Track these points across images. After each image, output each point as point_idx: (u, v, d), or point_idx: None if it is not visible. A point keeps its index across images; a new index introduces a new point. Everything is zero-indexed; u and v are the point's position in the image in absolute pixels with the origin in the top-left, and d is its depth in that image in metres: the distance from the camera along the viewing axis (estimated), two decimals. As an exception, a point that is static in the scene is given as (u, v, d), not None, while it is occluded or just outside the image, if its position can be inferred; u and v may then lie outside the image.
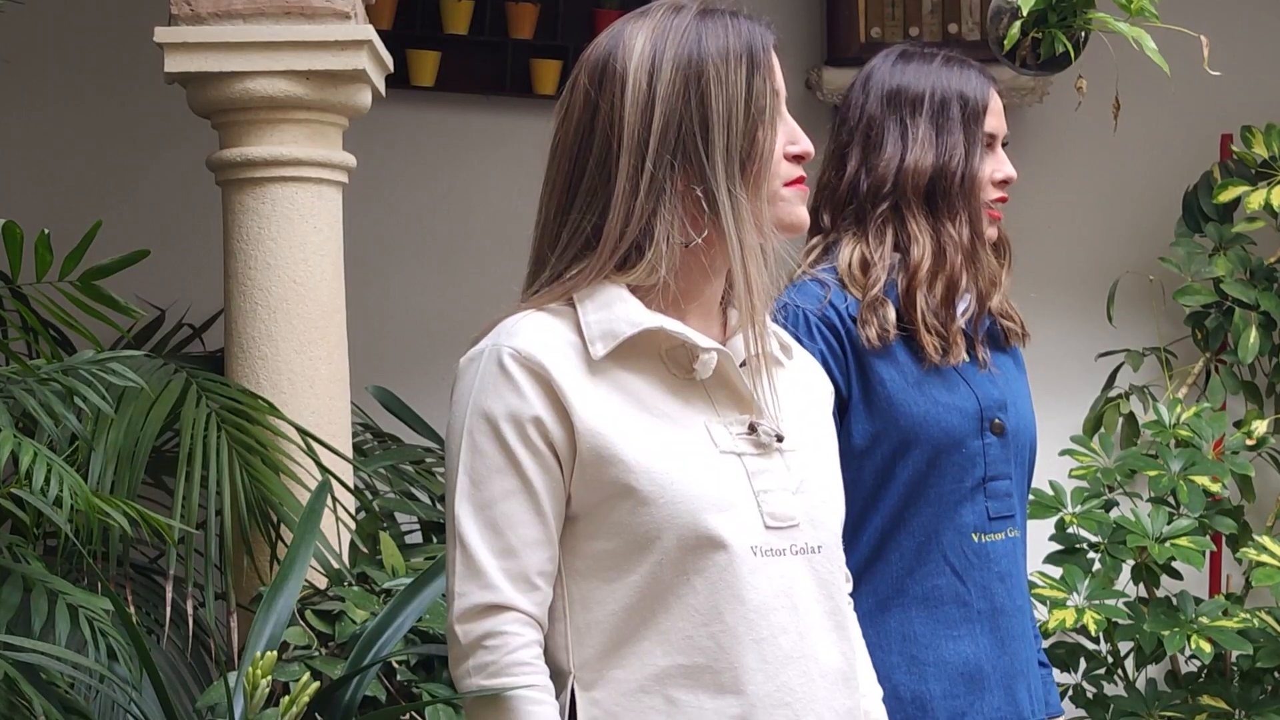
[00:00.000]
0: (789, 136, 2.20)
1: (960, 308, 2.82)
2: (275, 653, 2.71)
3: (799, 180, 2.21)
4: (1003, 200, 2.89)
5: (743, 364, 2.18)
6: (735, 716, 2.09)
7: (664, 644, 2.09)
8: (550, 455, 2.09)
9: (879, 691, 2.39)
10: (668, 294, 2.15)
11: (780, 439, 2.16)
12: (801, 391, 2.27)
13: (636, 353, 2.13)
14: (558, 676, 2.12)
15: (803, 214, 2.22)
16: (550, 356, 2.10)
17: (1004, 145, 2.95)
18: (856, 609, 2.79)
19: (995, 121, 2.89)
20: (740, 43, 2.15)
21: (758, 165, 2.14)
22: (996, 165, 2.88)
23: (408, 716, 3.47)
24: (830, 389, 2.37)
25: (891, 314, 2.78)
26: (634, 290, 2.14)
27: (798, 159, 2.21)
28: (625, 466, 2.08)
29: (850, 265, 2.82)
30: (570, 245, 2.15)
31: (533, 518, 2.10)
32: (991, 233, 2.88)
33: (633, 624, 2.10)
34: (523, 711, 2.07)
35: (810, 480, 2.18)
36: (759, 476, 2.13)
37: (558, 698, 2.11)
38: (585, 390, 2.10)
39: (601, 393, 2.10)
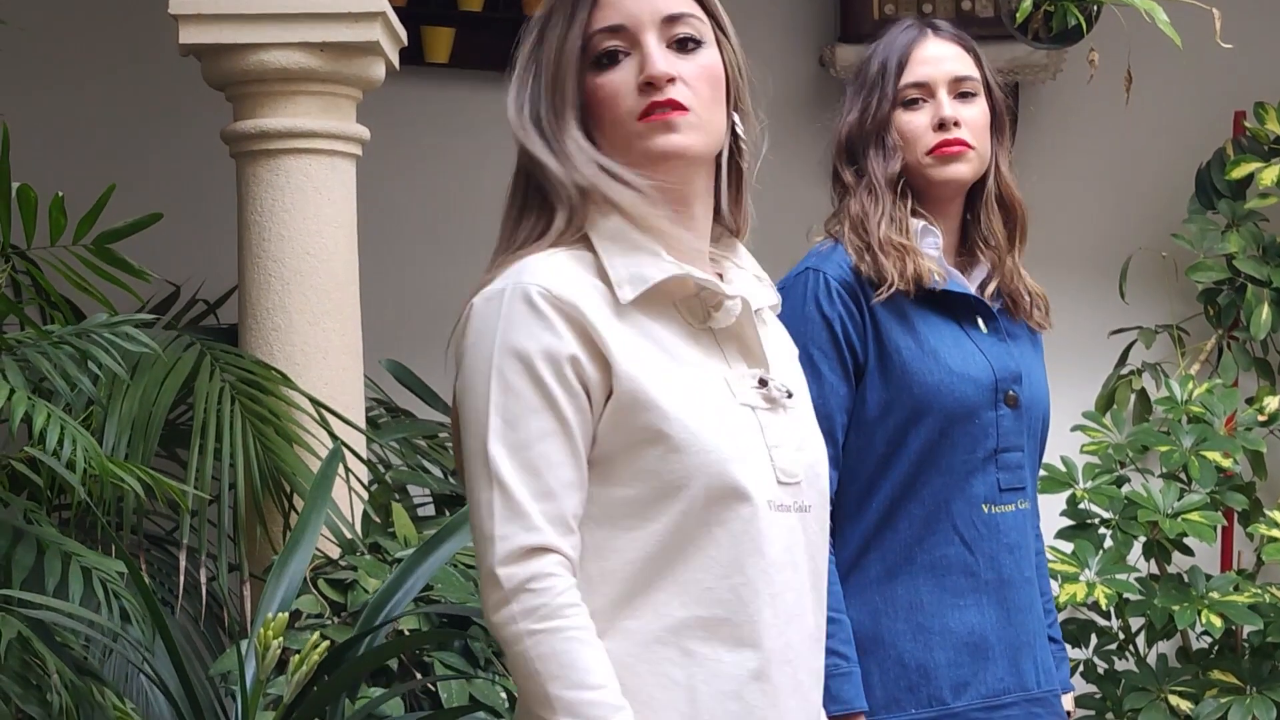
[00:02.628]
0: (638, 65, 2.11)
1: (928, 241, 2.83)
2: (286, 615, 2.72)
3: (650, 107, 2.09)
4: (950, 143, 2.85)
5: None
6: (753, 670, 2.06)
7: (682, 595, 2.05)
8: (584, 395, 2.04)
9: None
10: (650, 236, 2.12)
11: (790, 394, 2.14)
12: (786, 347, 2.26)
13: (656, 299, 2.10)
14: None
15: (657, 144, 2.09)
16: (580, 296, 2.05)
17: (1012, 121, 2.96)
18: (865, 576, 2.82)
19: (926, 70, 2.88)
20: None
21: (599, 111, 2.12)
22: (933, 113, 2.87)
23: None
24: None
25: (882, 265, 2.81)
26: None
27: (648, 85, 2.10)
28: (661, 412, 2.03)
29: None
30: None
31: (569, 458, 2.04)
32: (959, 171, 2.87)
33: (649, 574, 2.06)
34: (580, 653, 2.01)
35: (808, 438, 2.16)
36: (769, 431, 2.11)
37: None
38: (618, 332, 2.05)
39: (631, 336, 2.06)
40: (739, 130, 2.19)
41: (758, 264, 2.25)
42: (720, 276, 2.19)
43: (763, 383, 2.13)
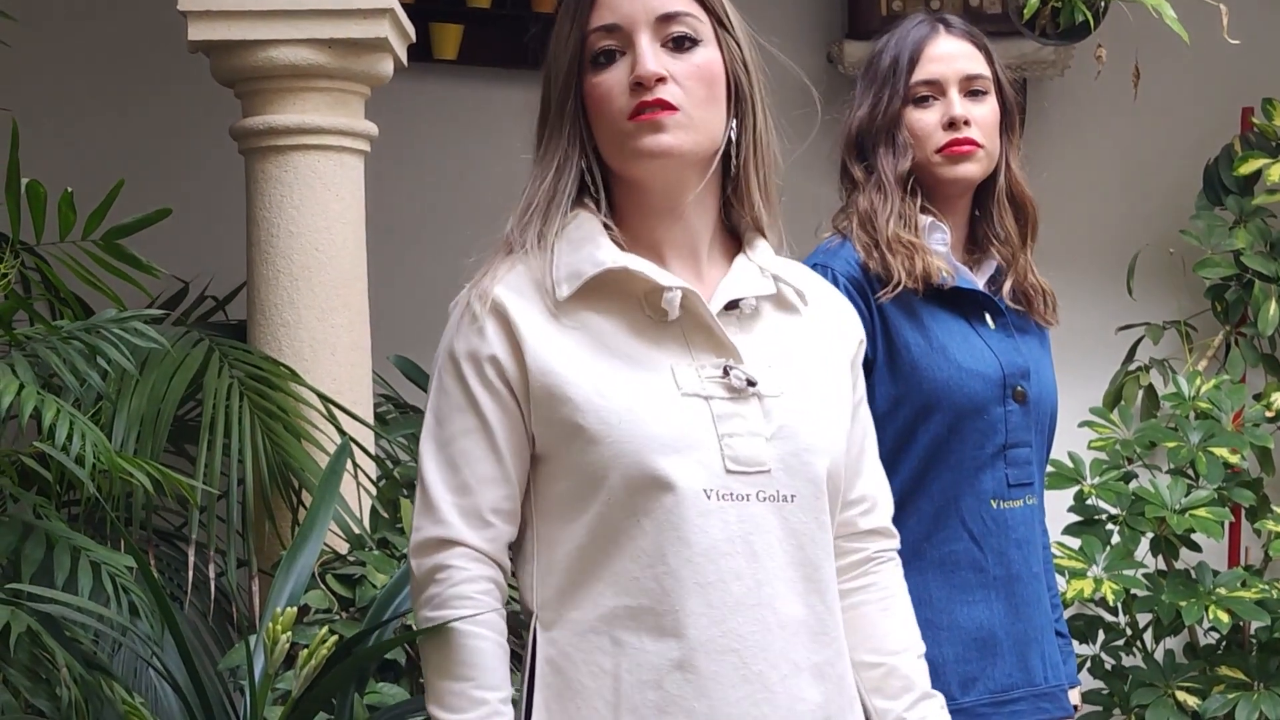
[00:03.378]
0: (629, 66, 2.14)
1: (936, 238, 2.84)
2: (295, 610, 2.73)
3: (639, 107, 2.12)
4: (960, 143, 2.86)
5: (731, 307, 2.18)
6: (675, 659, 2.08)
7: (614, 585, 2.09)
8: (508, 394, 2.12)
9: (915, 648, 2.33)
10: (632, 236, 2.18)
11: (753, 384, 2.14)
12: (809, 339, 2.25)
13: (608, 294, 2.14)
14: (527, 615, 2.15)
15: (644, 144, 2.12)
16: (513, 298, 2.13)
17: (1022, 118, 2.97)
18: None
19: (938, 68, 2.88)
20: None
21: (593, 110, 2.16)
22: (944, 111, 2.88)
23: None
24: (858, 336, 2.33)
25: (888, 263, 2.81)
26: (612, 233, 2.16)
27: (638, 85, 2.12)
28: (574, 405, 2.09)
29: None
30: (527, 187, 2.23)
31: (488, 454, 2.13)
32: (968, 170, 2.87)
33: (586, 564, 2.10)
34: (458, 645, 2.10)
35: (792, 427, 2.15)
36: (727, 420, 2.11)
37: (523, 635, 2.14)
38: (544, 330, 2.12)
39: (562, 333, 2.12)
40: (731, 130, 2.20)
41: (775, 255, 2.25)
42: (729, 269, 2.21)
43: (726, 372, 2.14)
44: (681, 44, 2.15)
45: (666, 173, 2.15)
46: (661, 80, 2.12)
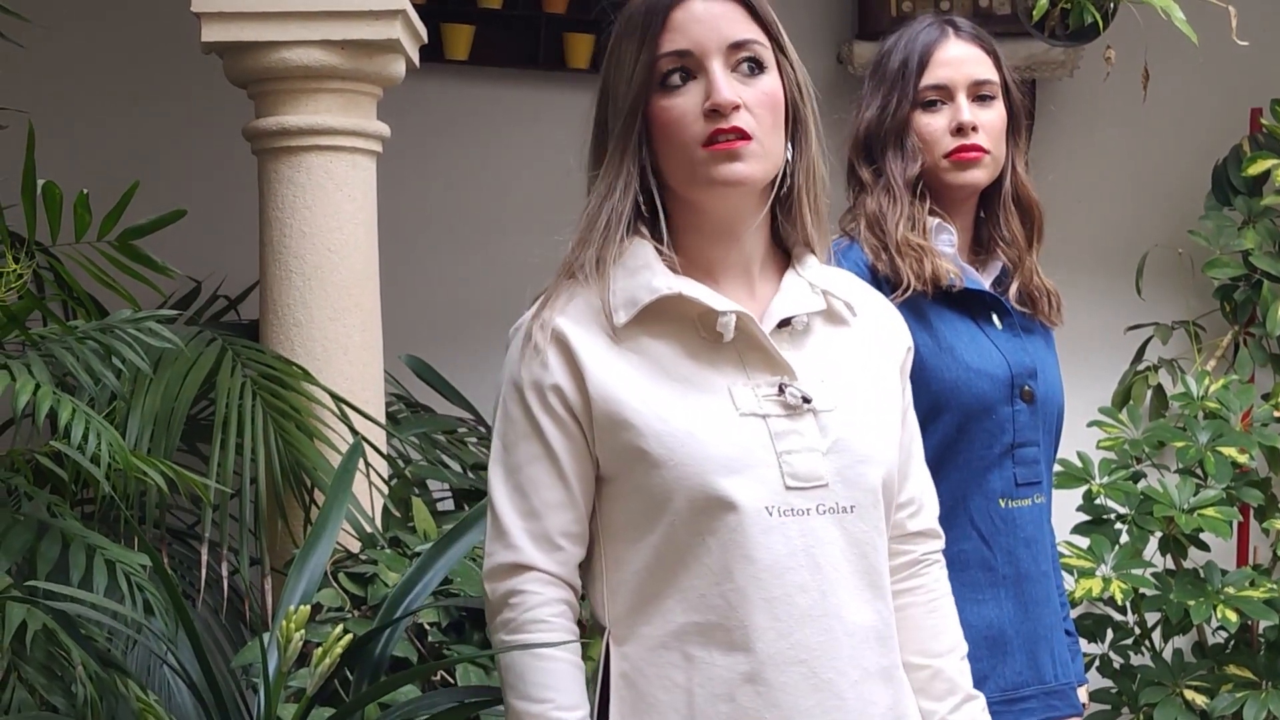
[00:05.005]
0: (705, 92, 2.15)
1: (943, 239, 2.85)
2: (308, 608, 2.74)
3: (715, 134, 2.14)
4: (968, 149, 2.87)
5: (783, 325, 2.21)
6: (745, 673, 2.13)
7: (683, 602, 2.14)
8: (571, 421, 2.16)
9: (959, 649, 2.38)
10: (686, 257, 2.20)
11: (808, 400, 2.17)
12: (859, 350, 2.28)
13: (664, 318, 2.17)
14: (599, 631, 2.20)
15: (720, 173, 2.14)
16: (573, 327, 2.16)
17: (1029, 120, 2.97)
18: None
19: (947, 72, 2.89)
20: (640, 11, 2.17)
21: (661, 133, 2.16)
22: (952, 116, 2.88)
23: (439, 676, 3.51)
24: (905, 343, 2.36)
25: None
26: (665, 258, 2.18)
27: (714, 112, 2.14)
28: (636, 431, 2.13)
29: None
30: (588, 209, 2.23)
31: (555, 481, 2.17)
32: (975, 176, 2.88)
33: (655, 583, 2.15)
34: (535, 667, 2.15)
35: (847, 440, 2.19)
36: (785, 438, 2.15)
37: (594, 653, 2.20)
38: (604, 357, 2.16)
39: (622, 359, 2.16)
40: (789, 155, 2.22)
41: (824, 271, 2.27)
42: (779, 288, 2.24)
43: (781, 390, 2.17)
44: (751, 70, 2.17)
45: (736, 200, 2.18)
46: (736, 108, 2.14)
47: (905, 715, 2.23)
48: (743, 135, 2.14)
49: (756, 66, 2.17)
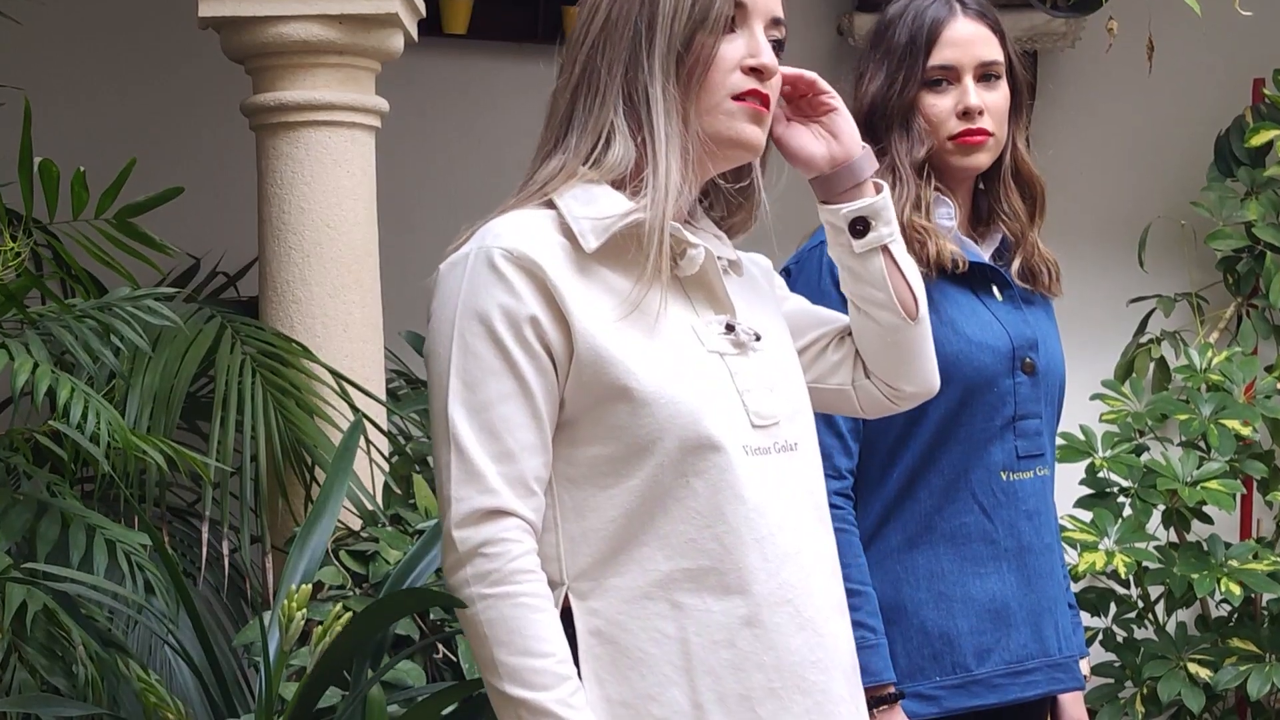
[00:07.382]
0: (750, 49, 2.14)
1: (942, 213, 2.83)
2: (309, 587, 2.74)
3: (751, 93, 2.13)
4: (973, 133, 2.85)
5: None
6: (742, 617, 2.07)
7: (665, 548, 2.06)
8: (546, 357, 2.05)
9: None
10: (640, 194, 2.11)
11: (759, 338, 2.15)
12: (763, 295, 2.28)
13: (619, 250, 2.10)
14: (550, 588, 2.07)
15: (745, 131, 2.13)
16: (543, 255, 2.06)
17: (1030, 94, 2.95)
18: (885, 546, 2.82)
19: (954, 54, 2.86)
20: None
21: (695, 69, 2.11)
22: (958, 98, 2.86)
23: (440, 654, 3.51)
24: (780, 281, 2.38)
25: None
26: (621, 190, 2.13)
27: (754, 71, 2.13)
28: (625, 368, 2.04)
29: None
30: (543, 146, 2.18)
31: (530, 420, 2.05)
32: (979, 160, 2.87)
33: (631, 530, 2.06)
34: (532, 621, 2.02)
35: (784, 379, 2.18)
36: (740, 376, 2.12)
37: None
38: (579, 290, 2.06)
39: (593, 292, 2.07)
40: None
41: (715, 226, 2.26)
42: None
43: (729, 328, 2.14)
44: (779, 46, 2.18)
45: (741, 160, 2.19)
46: (770, 75, 2.15)
47: (854, 646, 2.23)
48: (766, 103, 2.15)
49: (780, 46, 2.18)
